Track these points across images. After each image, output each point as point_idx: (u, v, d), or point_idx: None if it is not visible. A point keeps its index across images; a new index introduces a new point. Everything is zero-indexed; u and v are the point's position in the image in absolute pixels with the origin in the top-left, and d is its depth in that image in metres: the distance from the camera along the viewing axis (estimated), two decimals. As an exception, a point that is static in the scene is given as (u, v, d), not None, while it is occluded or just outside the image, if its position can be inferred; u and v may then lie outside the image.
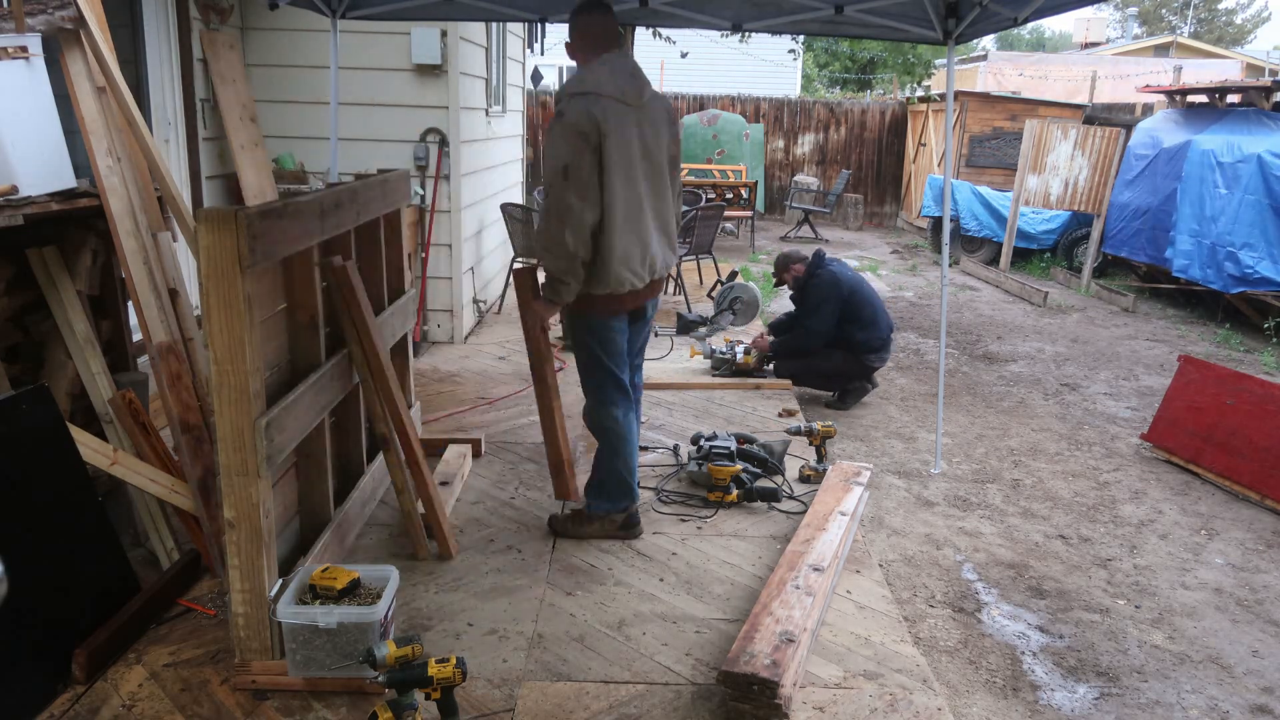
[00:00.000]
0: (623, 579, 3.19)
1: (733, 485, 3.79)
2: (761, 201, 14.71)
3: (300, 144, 5.79)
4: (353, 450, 3.49)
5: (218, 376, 2.33)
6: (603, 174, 3.00)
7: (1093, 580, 3.68)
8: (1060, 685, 2.99)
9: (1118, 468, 4.92)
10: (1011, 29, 4.23)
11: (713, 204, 8.49)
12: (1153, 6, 39.30)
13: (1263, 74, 20.45)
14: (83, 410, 3.15)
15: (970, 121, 12.92)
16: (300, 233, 2.65)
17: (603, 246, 3.07)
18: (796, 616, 2.73)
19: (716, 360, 5.72)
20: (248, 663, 2.52)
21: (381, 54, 5.71)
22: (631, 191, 3.09)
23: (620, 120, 3.03)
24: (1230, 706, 2.92)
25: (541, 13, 5.02)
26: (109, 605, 2.73)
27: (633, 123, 3.07)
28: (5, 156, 2.81)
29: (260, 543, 2.45)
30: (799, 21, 4.79)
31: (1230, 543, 4.08)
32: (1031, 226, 11.08)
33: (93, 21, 3.09)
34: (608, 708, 2.50)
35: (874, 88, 22.89)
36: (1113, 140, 9.98)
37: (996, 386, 6.36)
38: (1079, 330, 8.24)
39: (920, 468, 4.76)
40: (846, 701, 2.56)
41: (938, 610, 3.41)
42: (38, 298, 3.06)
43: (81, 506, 2.77)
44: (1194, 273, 8.47)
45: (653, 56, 16.96)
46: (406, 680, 2.18)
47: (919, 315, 8.63)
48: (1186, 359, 5.09)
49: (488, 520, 3.62)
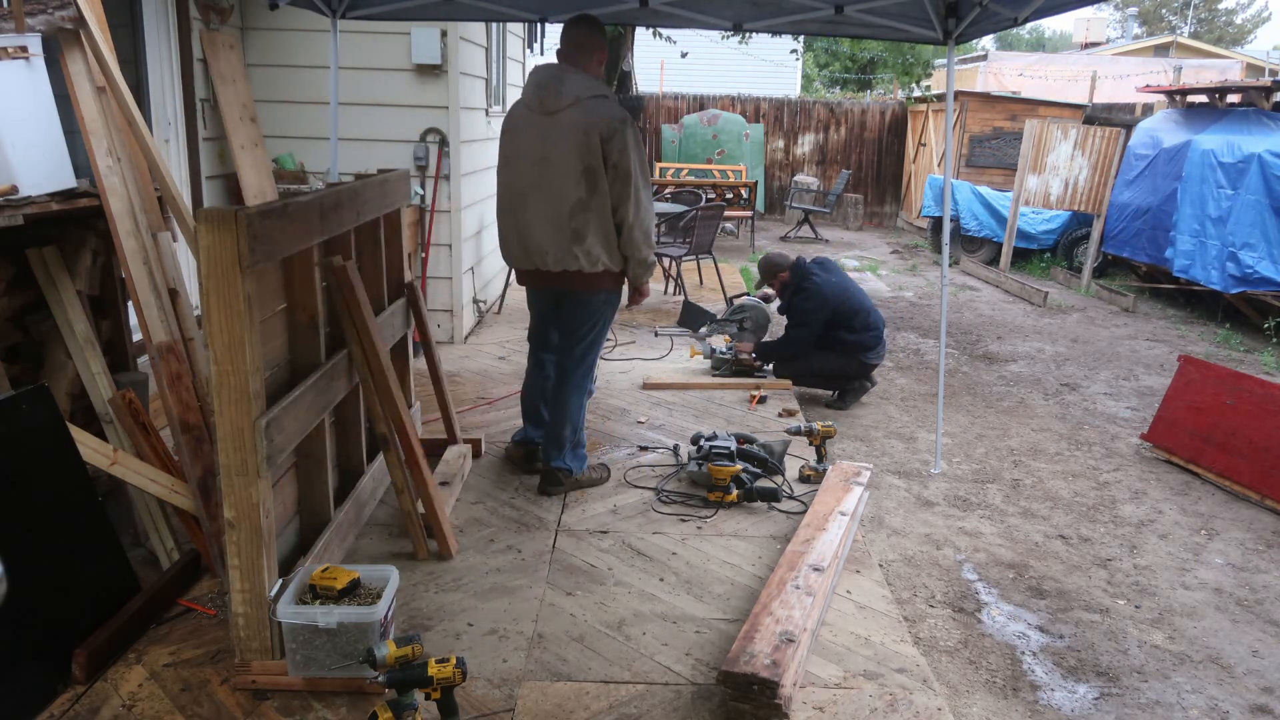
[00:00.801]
0: (623, 579, 3.19)
1: (733, 485, 3.79)
2: (761, 201, 14.72)
3: (300, 144, 5.79)
4: (353, 450, 3.48)
5: (218, 376, 2.33)
6: (499, 165, 3.66)
7: (1093, 580, 3.68)
8: (1060, 685, 2.99)
9: (1118, 468, 4.92)
10: (1011, 29, 4.23)
11: (713, 204, 8.49)
12: (1153, 6, 39.31)
13: (1263, 74, 20.45)
14: (83, 410, 3.14)
15: (970, 121, 12.93)
16: (300, 233, 2.65)
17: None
18: (796, 616, 2.73)
19: (716, 360, 5.72)
20: (248, 663, 2.52)
21: (381, 54, 5.71)
22: (512, 185, 3.59)
23: (520, 123, 3.55)
24: (1230, 706, 2.92)
25: (541, 13, 5.02)
26: (109, 605, 2.72)
27: (533, 128, 3.50)
28: (5, 156, 2.81)
29: (260, 543, 2.45)
30: (799, 21, 4.78)
31: (1230, 543, 4.08)
32: (1031, 226, 11.08)
33: (93, 21, 3.09)
34: (608, 708, 2.50)
35: (874, 88, 22.89)
36: (1113, 140, 9.98)
37: (996, 386, 6.36)
38: (1079, 330, 8.24)
39: (920, 468, 4.76)
40: (846, 701, 2.56)
41: (938, 610, 3.41)
42: (38, 298, 3.06)
43: (81, 506, 2.76)
44: (1194, 273, 8.47)
45: (653, 56, 16.97)
46: (406, 680, 2.18)
47: (919, 315, 8.63)
48: (1186, 359, 5.09)
49: (488, 520, 3.62)
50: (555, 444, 3.83)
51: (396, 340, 3.78)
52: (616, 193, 3.49)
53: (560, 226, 3.50)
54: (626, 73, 12.18)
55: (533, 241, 3.58)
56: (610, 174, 3.46)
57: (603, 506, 3.77)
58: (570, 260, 3.53)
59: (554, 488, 3.84)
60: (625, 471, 4.13)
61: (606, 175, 3.46)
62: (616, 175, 3.46)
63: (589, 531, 3.55)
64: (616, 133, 3.41)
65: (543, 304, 3.92)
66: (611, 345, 6.25)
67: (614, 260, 3.58)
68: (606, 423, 4.78)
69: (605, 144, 3.41)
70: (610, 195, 3.49)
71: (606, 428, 4.70)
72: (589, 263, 3.53)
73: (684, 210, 8.15)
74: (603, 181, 3.46)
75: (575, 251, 3.51)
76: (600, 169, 3.44)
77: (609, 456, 4.31)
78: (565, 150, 3.43)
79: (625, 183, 3.48)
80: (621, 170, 3.45)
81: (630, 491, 3.93)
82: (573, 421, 3.82)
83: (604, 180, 3.46)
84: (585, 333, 3.74)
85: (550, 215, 3.51)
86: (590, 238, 3.50)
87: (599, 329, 3.77)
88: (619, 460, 4.26)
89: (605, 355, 6.00)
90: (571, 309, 3.72)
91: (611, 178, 3.47)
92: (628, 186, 3.48)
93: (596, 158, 3.42)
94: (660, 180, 11.98)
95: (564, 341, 3.82)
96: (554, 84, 3.47)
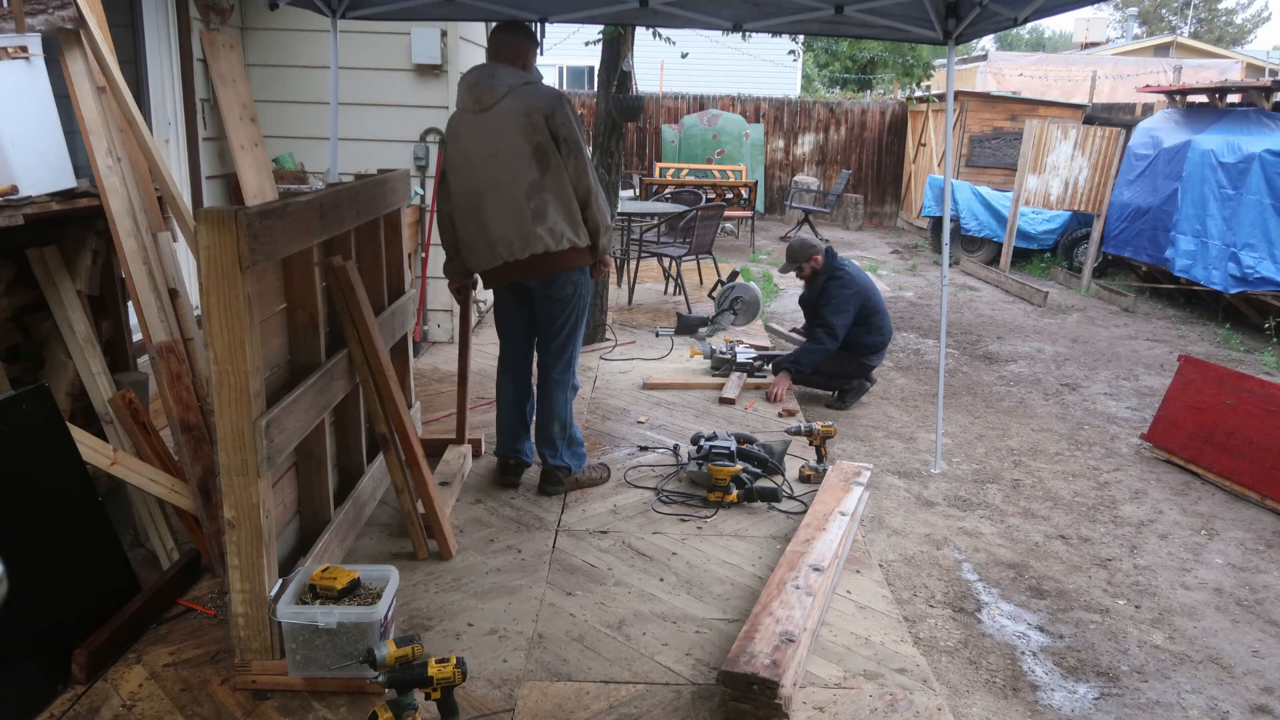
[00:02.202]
0: (623, 579, 3.19)
1: (733, 485, 3.79)
2: (761, 201, 14.72)
3: (300, 144, 5.79)
4: (353, 450, 3.48)
5: (218, 376, 2.33)
6: (448, 174, 3.66)
7: (1093, 580, 3.68)
8: (1060, 685, 2.99)
9: (1118, 468, 4.92)
10: (1011, 29, 4.23)
11: (713, 204, 8.49)
12: (1153, 6, 39.30)
13: (1263, 74, 20.45)
14: (83, 410, 3.14)
15: (970, 121, 12.93)
16: (300, 233, 2.65)
17: (456, 236, 3.72)
18: (796, 616, 2.73)
19: (716, 360, 5.72)
20: (248, 663, 2.52)
21: (381, 54, 5.71)
22: (468, 188, 3.57)
23: (461, 128, 3.57)
24: (1230, 706, 2.92)
25: (542, 13, 5.02)
26: (109, 605, 2.73)
27: (475, 126, 3.51)
28: (5, 156, 2.81)
29: (260, 543, 2.45)
30: (799, 21, 4.78)
31: (1230, 543, 4.08)
32: (1031, 226, 11.07)
33: (93, 21, 3.08)
34: (608, 708, 2.50)
35: (874, 88, 22.88)
36: (1113, 140, 9.98)
37: (996, 386, 6.36)
38: (1079, 330, 8.23)
39: (920, 468, 4.76)
40: (846, 701, 2.56)
41: (938, 610, 3.41)
42: (38, 298, 3.06)
43: (81, 506, 2.76)
44: (1195, 273, 8.47)
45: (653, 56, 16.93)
46: (406, 680, 2.18)
47: (919, 315, 8.63)
48: (1186, 359, 5.09)
49: (488, 520, 3.62)
50: (547, 443, 3.83)
51: (396, 340, 3.78)
52: (574, 166, 3.52)
53: (520, 211, 3.50)
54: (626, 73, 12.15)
55: (496, 234, 3.55)
56: (563, 149, 3.48)
57: (603, 506, 3.78)
58: (535, 242, 3.51)
59: (553, 487, 3.84)
60: (625, 471, 4.13)
61: (560, 151, 3.48)
62: (569, 149, 3.49)
63: (589, 531, 3.55)
64: (557, 108, 3.47)
65: (514, 311, 3.81)
66: (611, 345, 6.25)
67: (579, 234, 3.57)
68: (606, 423, 4.78)
69: (550, 120, 3.45)
70: (567, 169, 3.51)
71: (606, 428, 4.70)
72: (554, 240, 3.52)
73: (684, 210, 8.15)
74: (554, 158, 3.48)
75: (539, 231, 3.50)
76: (550, 146, 3.47)
77: (609, 456, 4.31)
78: (511, 137, 3.44)
79: (579, 154, 3.53)
80: (572, 143, 3.50)
81: (630, 491, 3.93)
82: (560, 418, 3.81)
83: (555, 157, 3.48)
84: (561, 325, 3.72)
85: (509, 203, 3.50)
86: (551, 214, 3.51)
87: (574, 319, 3.74)
88: (619, 460, 4.26)
89: (605, 355, 6.01)
90: (544, 304, 3.68)
91: (565, 152, 3.49)
92: (582, 158, 3.54)
93: (544, 135, 3.45)
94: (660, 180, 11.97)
95: (542, 337, 3.80)
96: (485, 81, 3.51)
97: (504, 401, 3.93)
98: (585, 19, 5.09)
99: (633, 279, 8.06)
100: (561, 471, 3.84)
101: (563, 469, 3.84)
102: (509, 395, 3.92)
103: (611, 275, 7.49)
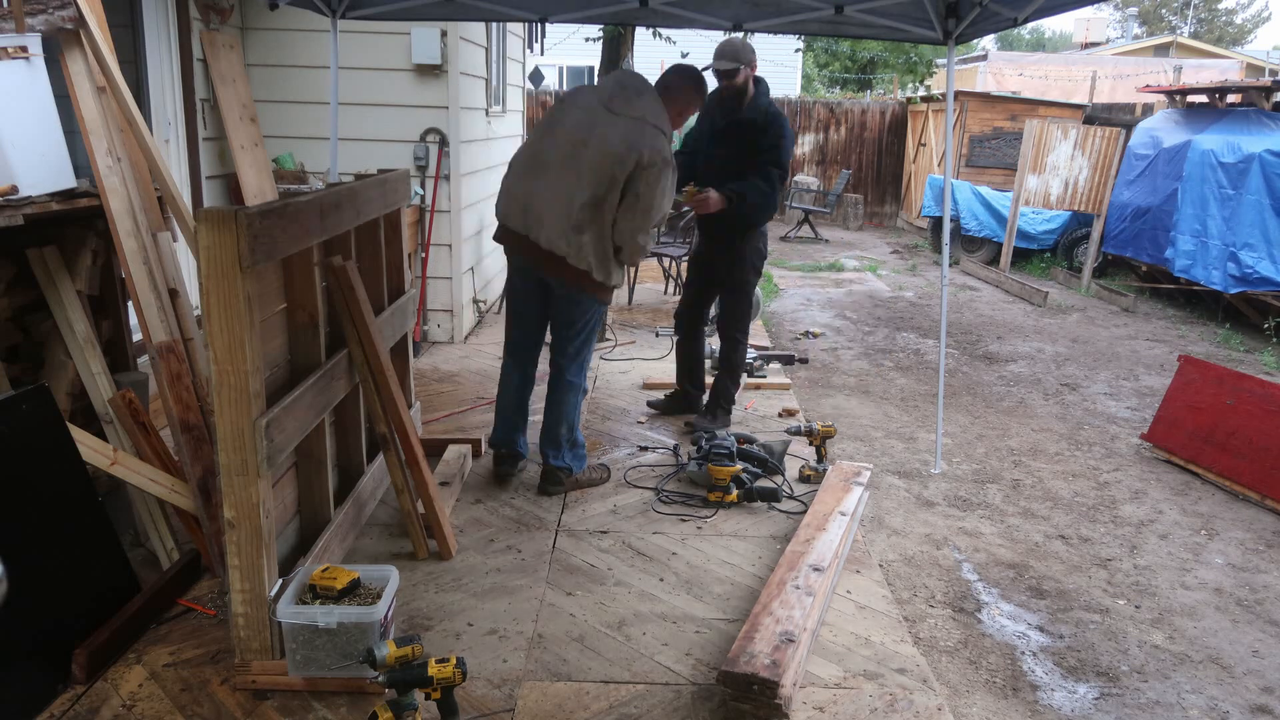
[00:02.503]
0: (623, 579, 3.19)
1: (733, 485, 3.79)
2: (761, 201, 14.69)
3: (300, 144, 5.79)
4: (353, 450, 3.48)
5: (218, 376, 2.33)
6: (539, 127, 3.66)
7: (1093, 580, 3.68)
8: (1060, 685, 2.99)
9: (1118, 468, 4.92)
10: (1011, 29, 4.23)
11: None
12: (1153, 6, 39.31)
13: (1263, 74, 20.45)
14: (83, 410, 3.14)
15: (970, 121, 12.92)
16: (300, 233, 2.65)
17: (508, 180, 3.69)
18: (796, 616, 2.73)
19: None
20: (248, 663, 2.52)
21: (381, 54, 5.71)
22: (543, 153, 3.55)
23: (581, 103, 3.56)
24: (1230, 706, 2.92)
25: (542, 13, 5.02)
26: (109, 605, 2.72)
27: (590, 114, 3.51)
28: (5, 156, 2.80)
29: (260, 543, 2.45)
30: (799, 22, 4.79)
31: (1230, 543, 4.08)
32: (1031, 226, 11.07)
33: (93, 21, 3.08)
34: (608, 708, 2.50)
35: (874, 88, 22.88)
36: (1113, 140, 9.98)
37: (996, 386, 6.36)
38: (1079, 330, 8.23)
39: (920, 468, 4.76)
40: (846, 701, 2.56)
41: (938, 610, 3.41)
42: (38, 298, 3.06)
43: (81, 506, 2.76)
44: (1194, 273, 8.47)
45: (653, 57, 16.94)
46: (406, 680, 2.18)
47: (919, 315, 8.63)
48: (1186, 359, 5.09)
49: (488, 520, 3.62)
50: (551, 443, 3.83)
51: (396, 340, 3.78)
52: (628, 218, 3.50)
53: (567, 210, 3.49)
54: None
55: (535, 211, 3.54)
56: (629, 199, 3.47)
57: (603, 506, 3.78)
58: (561, 244, 3.51)
59: (553, 487, 3.84)
60: (625, 471, 4.13)
61: (624, 197, 3.47)
62: (636, 201, 3.48)
63: (589, 531, 3.55)
64: (651, 168, 3.44)
65: (531, 303, 3.78)
66: (611, 345, 6.25)
67: (600, 270, 3.56)
68: (606, 423, 4.78)
69: (642, 170, 3.43)
70: (620, 215, 3.50)
71: (606, 428, 4.70)
72: (576, 256, 3.52)
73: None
74: (615, 198, 3.47)
75: (570, 237, 3.50)
76: (622, 188, 3.45)
77: (609, 456, 4.31)
78: (603, 153, 3.43)
79: (642, 214, 3.50)
80: (644, 201, 3.47)
81: (630, 491, 3.93)
82: (569, 420, 3.82)
83: (616, 198, 3.47)
84: (580, 327, 3.73)
85: (562, 196, 3.48)
86: (587, 235, 3.50)
87: (592, 324, 3.76)
88: (619, 460, 4.26)
89: (605, 355, 6.00)
90: (563, 304, 3.69)
91: (629, 202, 3.48)
92: (640, 218, 3.51)
93: (625, 176, 3.43)
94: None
95: (558, 337, 3.80)
96: (634, 92, 3.53)
97: (507, 389, 3.91)
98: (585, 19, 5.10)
99: (633, 279, 8.06)
100: (562, 472, 3.84)
101: (564, 469, 3.84)
102: (514, 384, 3.91)
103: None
